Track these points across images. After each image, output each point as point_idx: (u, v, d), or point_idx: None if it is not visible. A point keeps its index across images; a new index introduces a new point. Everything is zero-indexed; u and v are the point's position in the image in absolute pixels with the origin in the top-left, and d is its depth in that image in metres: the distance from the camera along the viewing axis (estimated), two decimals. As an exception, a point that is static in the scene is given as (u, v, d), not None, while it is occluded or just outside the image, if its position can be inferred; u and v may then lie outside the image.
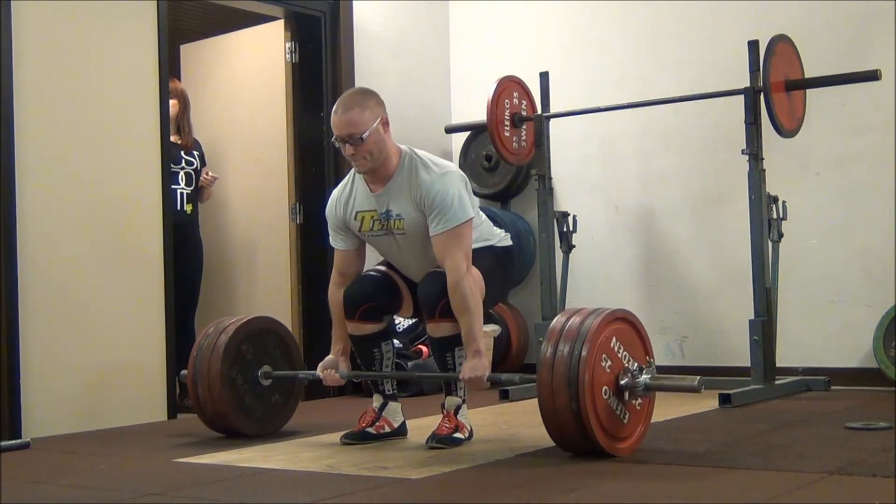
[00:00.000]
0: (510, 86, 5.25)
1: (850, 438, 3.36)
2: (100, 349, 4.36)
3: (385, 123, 3.45)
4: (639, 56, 5.60)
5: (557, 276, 5.31)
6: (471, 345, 3.37)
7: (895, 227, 4.85)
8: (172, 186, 4.89)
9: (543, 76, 5.32)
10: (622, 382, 3.08)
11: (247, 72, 5.77)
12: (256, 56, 5.72)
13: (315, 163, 5.49)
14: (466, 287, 3.35)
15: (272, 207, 5.59)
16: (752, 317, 4.60)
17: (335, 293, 3.67)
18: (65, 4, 4.32)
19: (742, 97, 4.64)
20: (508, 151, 5.22)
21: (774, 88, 4.60)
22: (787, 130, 4.70)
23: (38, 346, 4.14)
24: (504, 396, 4.84)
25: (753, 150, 4.60)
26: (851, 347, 4.97)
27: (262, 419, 3.91)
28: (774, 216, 4.76)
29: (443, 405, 3.58)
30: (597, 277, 5.63)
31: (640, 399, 3.16)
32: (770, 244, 4.71)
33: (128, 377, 4.44)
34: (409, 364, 5.15)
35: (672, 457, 3.14)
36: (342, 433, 3.65)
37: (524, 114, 5.27)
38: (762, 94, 4.59)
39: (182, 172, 5.16)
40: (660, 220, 5.55)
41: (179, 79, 5.54)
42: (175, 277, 4.66)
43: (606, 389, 3.05)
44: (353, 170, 3.56)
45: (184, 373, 3.95)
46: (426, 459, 3.22)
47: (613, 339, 3.09)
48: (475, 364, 3.35)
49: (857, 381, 4.89)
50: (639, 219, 5.61)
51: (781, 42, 4.68)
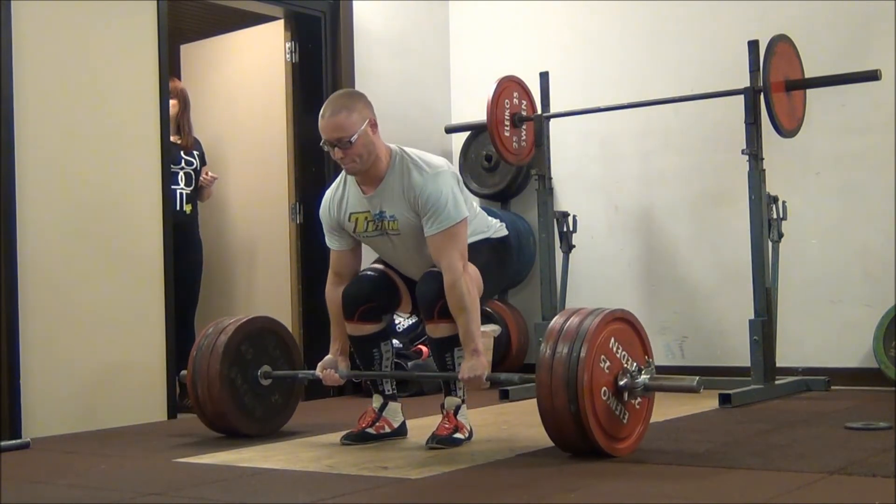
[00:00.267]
0: (510, 86, 5.25)
1: (850, 438, 3.36)
2: (100, 349, 4.36)
3: (373, 125, 3.42)
4: (639, 56, 5.60)
5: (557, 276, 5.31)
6: (469, 344, 3.37)
7: (895, 227, 4.86)
8: (172, 187, 4.89)
9: (543, 76, 5.32)
10: (621, 383, 3.08)
11: (247, 72, 5.77)
12: (256, 56, 5.72)
13: (315, 163, 5.49)
14: (463, 286, 3.35)
15: (272, 207, 5.59)
16: (752, 317, 4.60)
17: (332, 292, 3.67)
18: (65, 4, 4.32)
19: (742, 97, 4.64)
20: (508, 151, 5.22)
21: (774, 88, 4.60)
22: (787, 130, 4.70)
23: (38, 346, 4.14)
24: (504, 396, 4.84)
25: (753, 150, 4.60)
26: (851, 347, 4.97)
27: (262, 419, 3.91)
28: (774, 216, 4.76)
29: (442, 405, 3.58)
30: (597, 277, 5.64)
31: (640, 399, 3.16)
32: (770, 244, 4.71)
33: (128, 377, 4.44)
34: (409, 364, 5.15)
35: (672, 457, 3.14)
36: (342, 433, 3.65)
37: (524, 114, 5.27)
38: (762, 94, 4.59)
39: (182, 172, 5.16)
40: (660, 220, 5.55)
41: (179, 79, 5.54)
42: (175, 277, 4.67)
43: (605, 390, 3.05)
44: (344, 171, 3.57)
45: (184, 373, 3.95)
46: (426, 459, 3.22)
47: (612, 340, 3.09)
48: (474, 364, 3.35)
49: (857, 381, 4.89)
50: (639, 219, 5.61)
51: (781, 42, 4.68)
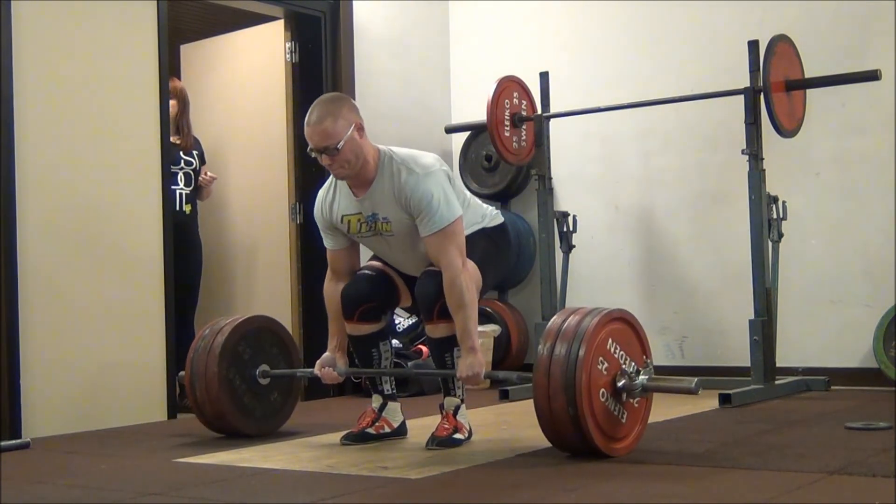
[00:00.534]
0: (510, 86, 5.24)
1: (850, 438, 3.36)
2: (100, 349, 4.36)
3: (360, 128, 3.39)
4: (639, 56, 5.60)
5: (557, 276, 5.30)
6: (466, 342, 3.37)
7: (895, 227, 4.85)
8: (172, 187, 4.89)
9: (543, 76, 5.32)
10: (619, 384, 3.08)
11: (247, 72, 5.77)
12: (256, 56, 5.72)
13: (315, 163, 5.35)
14: (463, 284, 3.35)
15: (272, 207, 5.59)
16: (752, 317, 4.60)
17: (330, 289, 3.67)
18: (65, 4, 4.32)
19: (742, 97, 4.64)
20: (508, 151, 5.22)
21: (774, 88, 4.60)
22: (787, 130, 4.70)
23: (39, 347, 4.14)
24: (504, 396, 4.84)
25: (753, 150, 4.60)
26: (851, 347, 4.97)
27: (262, 418, 3.91)
28: (774, 216, 4.76)
29: (441, 406, 3.58)
30: (597, 277, 5.63)
31: (638, 399, 3.16)
32: (770, 244, 4.71)
33: (128, 377, 4.44)
34: (410, 364, 5.15)
35: (672, 457, 3.14)
36: (342, 433, 3.65)
37: (524, 114, 5.27)
38: (762, 94, 4.59)
39: (181, 173, 5.16)
40: (660, 220, 5.54)
41: (179, 79, 5.53)
42: (175, 277, 4.66)
43: (604, 392, 3.04)
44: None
45: (182, 374, 3.95)
46: (426, 459, 3.22)
47: (610, 341, 3.08)
48: (472, 361, 3.35)
49: (857, 381, 4.89)
50: (639, 219, 5.60)
51: (781, 42, 4.68)
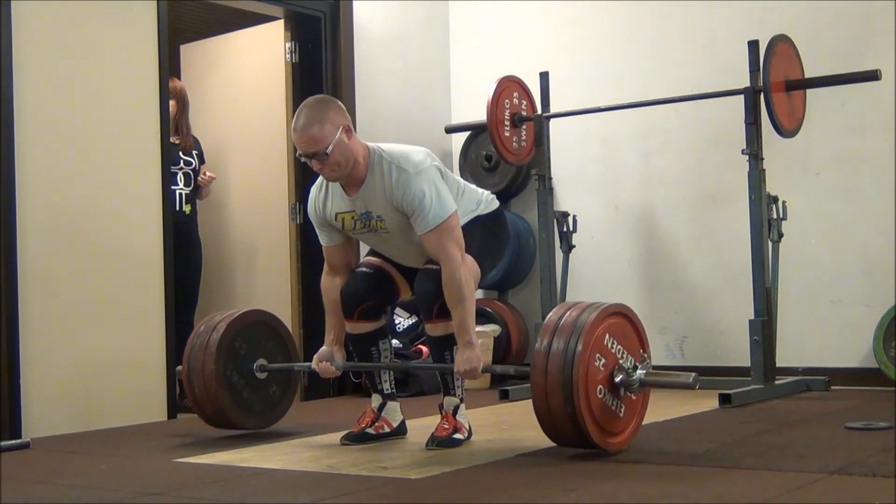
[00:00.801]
0: (510, 86, 5.24)
1: (850, 438, 3.36)
2: (100, 349, 4.36)
3: (347, 130, 3.37)
4: (639, 56, 5.60)
5: (557, 276, 5.30)
6: (463, 336, 3.36)
7: (895, 227, 4.85)
8: (171, 187, 4.88)
9: (543, 76, 5.32)
10: (617, 380, 3.08)
11: (247, 72, 5.77)
12: (256, 56, 5.71)
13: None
14: (462, 278, 3.34)
15: (272, 207, 5.59)
16: (752, 317, 4.60)
17: (327, 283, 3.67)
18: (65, 4, 4.32)
19: (742, 97, 4.64)
20: (508, 151, 5.22)
21: (774, 88, 4.60)
22: (787, 130, 4.70)
23: (39, 347, 4.14)
24: (504, 396, 4.83)
25: (753, 150, 4.60)
26: (851, 347, 4.97)
27: (262, 412, 3.91)
28: (774, 216, 4.76)
29: (441, 406, 3.58)
30: (597, 277, 5.63)
31: (636, 394, 3.16)
32: (770, 244, 4.71)
33: (128, 377, 4.44)
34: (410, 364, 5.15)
35: (672, 457, 3.14)
36: (342, 433, 3.65)
37: (524, 114, 5.27)
38: (762, 94, 4.59)
39: (181, 173, 5.16)
40: (660, 220, 5.54)
41: (179, 79, 5.53)
42: (175, 278, 4.66)
43: (601, 388, 3.04)
44: None
45: (179, 369, 3.93)
46: (426, 459, 3.22)
47: (607, 336, 3.08)
48: (469, 356, 3.34)
49: (857, 381, 4.89)
50: (639, 219, 5.60)
51: (781, 42, 4.68)
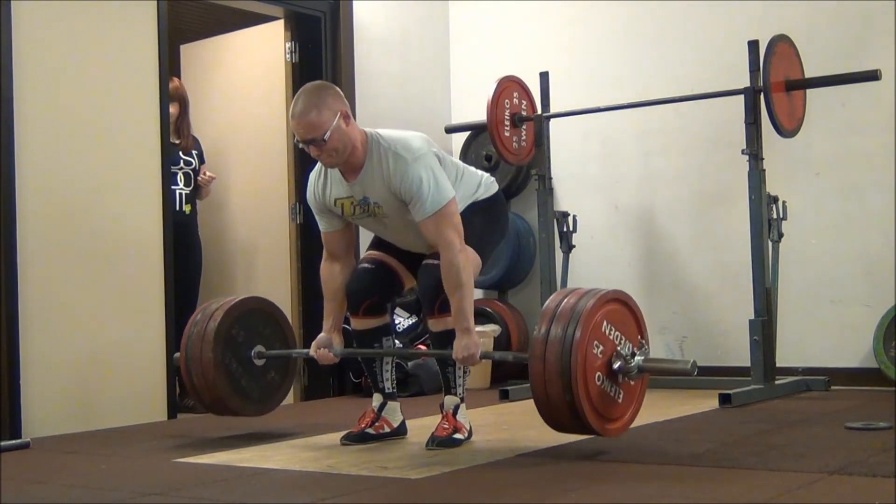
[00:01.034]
0: (510, 86, 5.24)
1: (850, 438, 3.36)
2: (100, 350, 4.36)
3: (345, 116, 3.37)
4: (639, 56, 5.60)
5: (557, 277, 5.30)
6: (461, 322, 3.35)
7: (895, 227, 4.85)
8: (171, 187, 4.88)
9: (543, 76, 5.32)
10: (615, 366, 3.08)
11: (247, 72, 5.77)
12: (256, 56, 5.72)
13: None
14: (460, 263, 3.33)
15: (272, 207, 5.59)
16: (752, 317, 4.60)
17: (326, 270, 3.67)
18: (65, 4, 4.32)
19: (742, 97, 4.64)
20: (508, 151, 5.22)
21: (774, 88, 4.59)
22: (787, 130, 4.70)
23: (39, 347, 4.14)
24: (504, 396, 4.83)
25: (753, 150, 4.60)
26: (851, 347, 4.97)
27: (261, 399, 3.91)
28: (774, 216, 4.76)
29: (441, 405, 3.58)
30: (597, 277, 5.62)
31: (635, 380, 3.16)
32: (770, 244, 4.71)
33: (128, 377, 4.44)
34: (409, 364, 5.16)
35: (672, 457, 3.14)
36: (342, 433, 3.65)
37: (524, 114, 5.27)
38: (762, 94, 4.59)
39: (181, 173, 5.17)
40: (660, 220, 5.54)
41: (179, 78, 5.53)
42: (175, 278, 4.66)
43: (599, 375, 3.04)
44: None
45: (177, 356, 3.91)
46: (426, 459, 3.22)
47: (605, 323, 3.08)
48: (467, 342, 3.34)
49: (857, 381, 4.89)
50: (639, 219, 5.60)
51: (781, 42, 4.68)
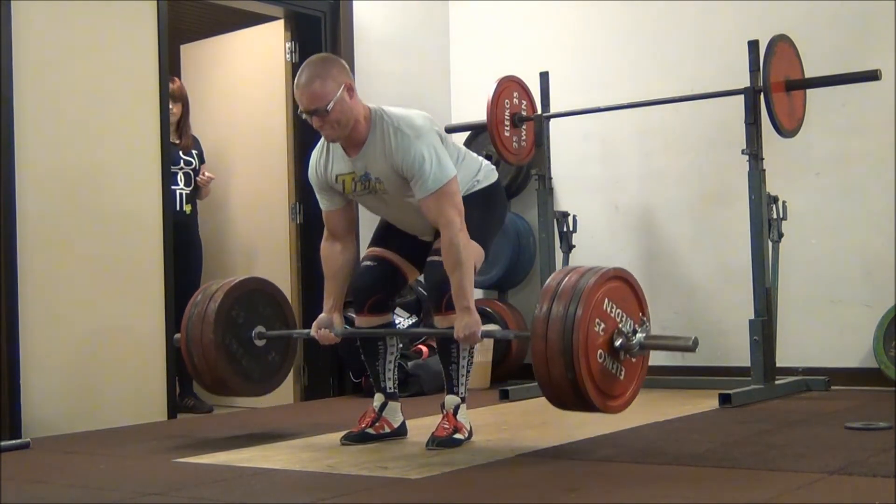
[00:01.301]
0: (510, 86, 5.24)
1: (850, 438, 3.36)
2: (100, 350, 4.36)
3: (350, 89, 3.37)
4: (639, 56, 5.60)
5: (557, 276, 5.30)
6: (461, 301, 3.34)
7: (895, 227, 4.85)
8: (171, 187, 4.88)
9: (543, 76, 5.32)
10: (617, 344, 3.08)
11: (247, 72, 5.76)
12: (256, 56, 5.71)
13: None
14: (460, 242, 3.33)
15: (272, 207, 5.59)
16: (752, 317, 4.60)
17: (327, 249, 3.66)
18: (65, 4, 4.32)
19: (742, 97, 4.64)
20: (508, 151, 5.22)
21: (774, 88, 4.59)
22: (787, 130, 4.70)
23: (39, 347, 4.14)
24: (504, 396, 4.83)
25: (753, 150, 4.60)
26: (851, 347, 4.97)
27: (262, 379, 3.91)
28: (774, 216, 4.76)
29: (442, 405, 3.57)
30: (597, 277, 5.62)
31: (636, 357, 3.17)
32: (770, 244, 4.71)
33: (128, 378, 4.44)
34: (410, 364, 5.16)
35: (672, 457, 3.14)
36: (342, 433, 3.65)
37: (524, 114, 5.27)
38: (762, 94, 4.59)
39: (181, 173, 5.17)
40: (660, 220, 5.54)
41: (179, 78, 5.52)
42: (175, 278, 4.66)
43: (601, 353, 3.04)
44: None
45: (177, 337, 3.89)
46: (426, 459, 3.22)
47: (606, 301, 3.07)
48: (468, 321, 3.33)
49: (857, 381, 4.89)
50: (639, 219, 5.60)
51: (781, 42, 4.68)
